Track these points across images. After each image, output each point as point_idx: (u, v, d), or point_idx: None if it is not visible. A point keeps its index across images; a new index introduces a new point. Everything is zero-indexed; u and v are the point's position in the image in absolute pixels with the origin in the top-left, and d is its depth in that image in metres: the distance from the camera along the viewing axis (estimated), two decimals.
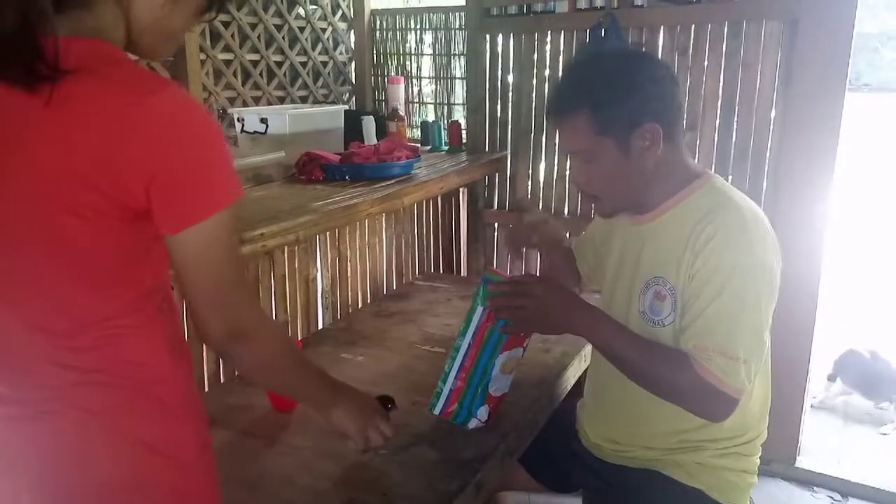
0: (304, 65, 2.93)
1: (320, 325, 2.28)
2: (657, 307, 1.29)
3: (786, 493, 2.27)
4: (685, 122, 1.75)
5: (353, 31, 3.21)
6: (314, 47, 2.99)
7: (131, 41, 0.83)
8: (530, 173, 2.77)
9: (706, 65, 2.30)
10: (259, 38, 2.70)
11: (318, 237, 2.23)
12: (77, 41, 0.75)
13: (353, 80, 3.24)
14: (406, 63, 3.25)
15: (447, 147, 2.83)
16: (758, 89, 2.23)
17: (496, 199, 2.89)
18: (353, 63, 3.23)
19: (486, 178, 2.85)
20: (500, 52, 2.73)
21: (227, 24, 2.55)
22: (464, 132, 2.85)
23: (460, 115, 3.09)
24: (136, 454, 0.83)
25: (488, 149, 2.82)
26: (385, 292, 2.59)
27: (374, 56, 3.27)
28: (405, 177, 2.19)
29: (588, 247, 1.62)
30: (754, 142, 2.26)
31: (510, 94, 2.76)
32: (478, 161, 2.65)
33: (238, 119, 2.30)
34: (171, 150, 0.74)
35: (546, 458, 1.62)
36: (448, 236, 2.97)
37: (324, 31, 3.05)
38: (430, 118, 3.13)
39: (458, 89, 3.15)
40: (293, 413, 1.58)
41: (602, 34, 2.34)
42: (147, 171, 0.74)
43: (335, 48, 3.13)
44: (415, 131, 3.11)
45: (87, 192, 0.74)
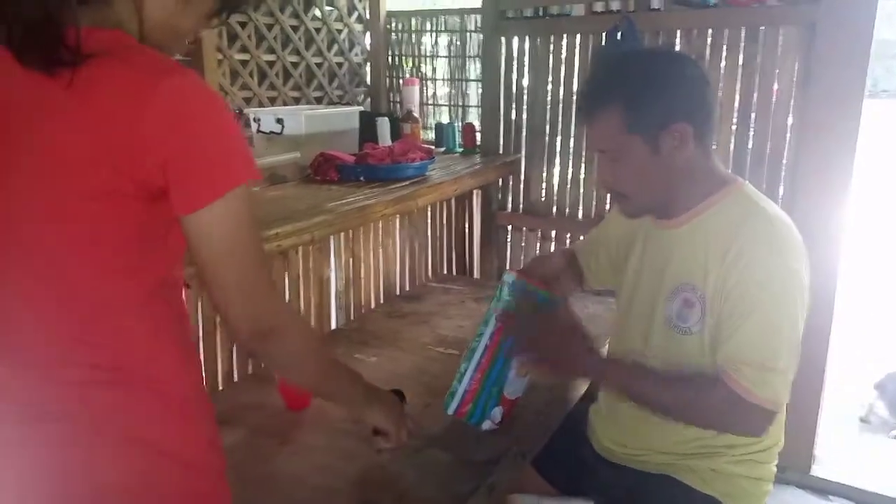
0: (319, 66, 2.95)
1: (333, 326, 2.29)
2: (685, 314, 1.27)
3: (801, 501, 2.25)
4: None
5: (368, 33, 3.22)
6: (330, 48, 3.01)
7: (142, 37, 0.84)
8: (544, 176, 2.76)
9: (723, 69, 2.29)
10: (275, 38, 2.72)
11: (332, 238, 2.24)
12: (98, 31, 0.77)
13: (369, 82, 3.25)
14: (421, 65, 3.26)
15: (461, 149, 2.83)
16: (775, 94, 2.21)
17: (510, 202, 2.89)
18: (369, 64, 3.25)
19: (500, 180, 2.85)
20: (516, 54, 2.73)
21: (243, 25, 2.56)
22: (478, 134, 2.86)
23: (475, 117, 3.10)
24: (145, 456, 0.83)
25: (502, 151, 2.82)
26: (398, 293, 2.60)
27: (390, 58, 3.28)
28: (419, 178, 2.20)
29: (601, 246, 1.59)
30: (771, 147, 2.25)
31: (525, 97, 2.75)
32: (492, 163, 2.65)
33: (254, 119, 2.32)
34: (184, 128, 0.75)
35: (558, 461, 1.61)
36: (461, 238, 2.97)
37: (340, 32, 3.06)
38: (445, 120, 3.14)
39: (473, 92, 3.16)
40: (306, 412, 1.58)
41: (619, 37, 2.34)
42: (162, 148, 0.75)
43: (351, 49, 3.15)
44: (429, 133, 3.12)
45: (105, 172, 0.75)
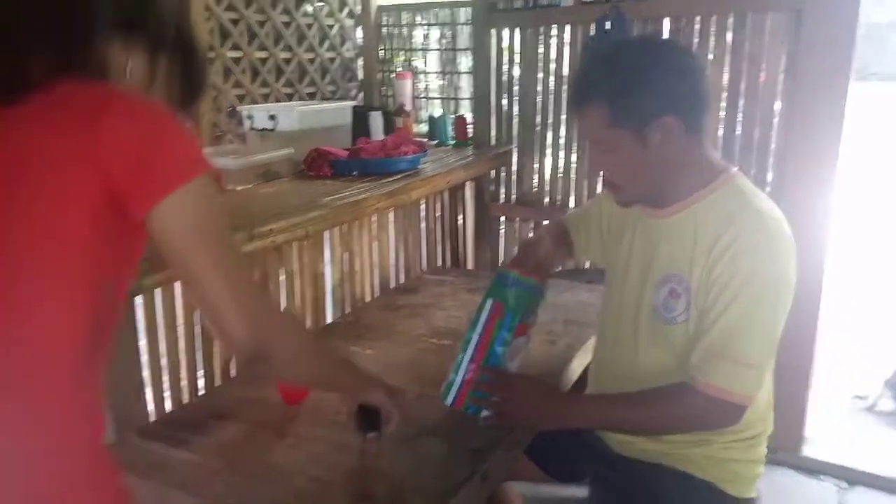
0: (311, 61, 2.96)
1: (329, 319, 2.31)
2: (671, 304, 1.29)
3: (792, 481, 2.28)
4: None
5: (360, 28, 3.23)
6: (321, 44, 3.02)
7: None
8: (536, 167, 2.78)
9: (711, 57, 2.30)
10: (267, 35, 2.73)
11: (327, 232, 2.26)
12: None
13: (361, 77, 3.26)
14: (413, 59, 3.27)
15: (454, 142, 2.84)
16: (762, 81, 2.23)
17: (502, 193, 2.91)
18: (361, 59, 3.25)
19: (493, 172, 2.86)
20: (507, 46, 2.75)
21: (235, 22, 2.57)
22: (470, 127, 2.87)
23: (467, 109, 3.11)
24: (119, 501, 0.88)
25: (494, 143, 2.84)
26: (393, 286, 2.62)
27: (381, 52, 3.29)
28: (412, 172, 2.21)
29: (593, 223, 1.58)
30: (759, 134, 2.27)
31: (516, 89, 2.77)
32: (484, 155, 2.66)
33: (247, 116, 2.33)
34: (135, 136, 0.79)
35: (552, 449, 1.63)
36: (455, 230, 2.99)
37: (331, 27, 3.07)
38: (438, 113, 3.15)
39: (465, 84, 3.17)
40: (303, 406, 1.60)
41: (608, 27, 2.35)
42: (118, 159, 0.78)
43: (342, 45, 3.15)
44: (422, 126, 3.13)
45: (73, 177, 0.78)
